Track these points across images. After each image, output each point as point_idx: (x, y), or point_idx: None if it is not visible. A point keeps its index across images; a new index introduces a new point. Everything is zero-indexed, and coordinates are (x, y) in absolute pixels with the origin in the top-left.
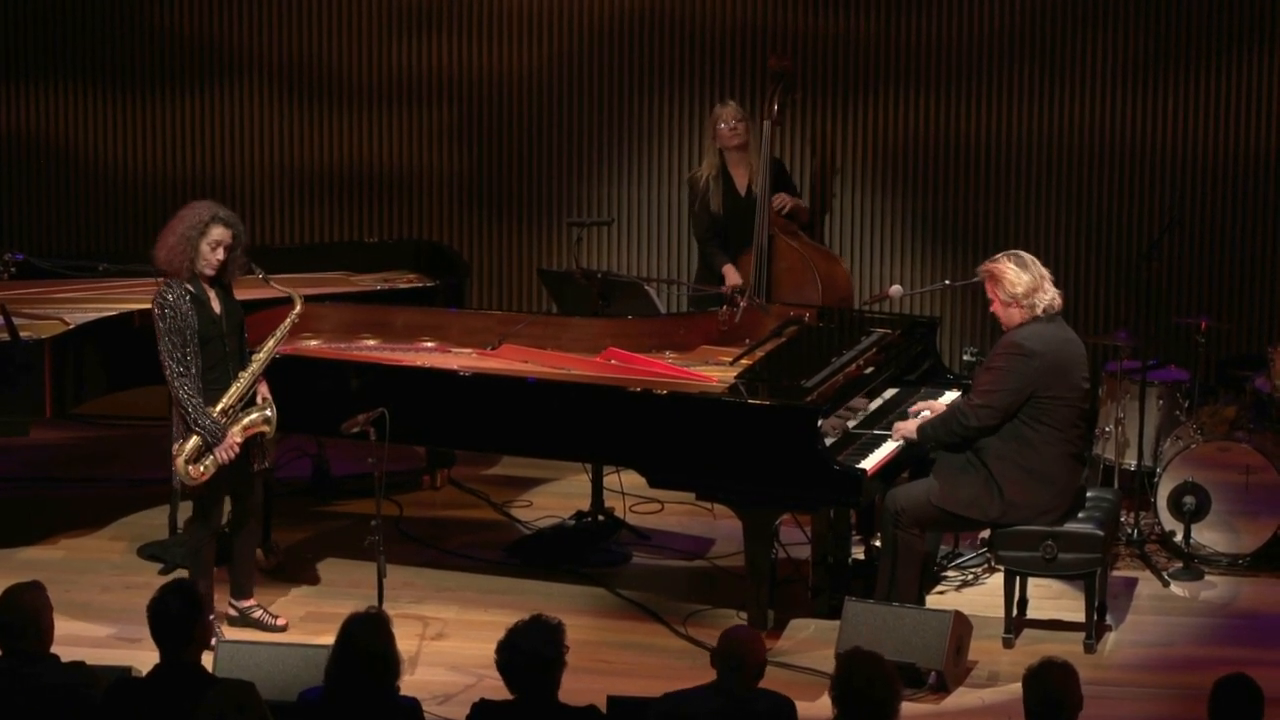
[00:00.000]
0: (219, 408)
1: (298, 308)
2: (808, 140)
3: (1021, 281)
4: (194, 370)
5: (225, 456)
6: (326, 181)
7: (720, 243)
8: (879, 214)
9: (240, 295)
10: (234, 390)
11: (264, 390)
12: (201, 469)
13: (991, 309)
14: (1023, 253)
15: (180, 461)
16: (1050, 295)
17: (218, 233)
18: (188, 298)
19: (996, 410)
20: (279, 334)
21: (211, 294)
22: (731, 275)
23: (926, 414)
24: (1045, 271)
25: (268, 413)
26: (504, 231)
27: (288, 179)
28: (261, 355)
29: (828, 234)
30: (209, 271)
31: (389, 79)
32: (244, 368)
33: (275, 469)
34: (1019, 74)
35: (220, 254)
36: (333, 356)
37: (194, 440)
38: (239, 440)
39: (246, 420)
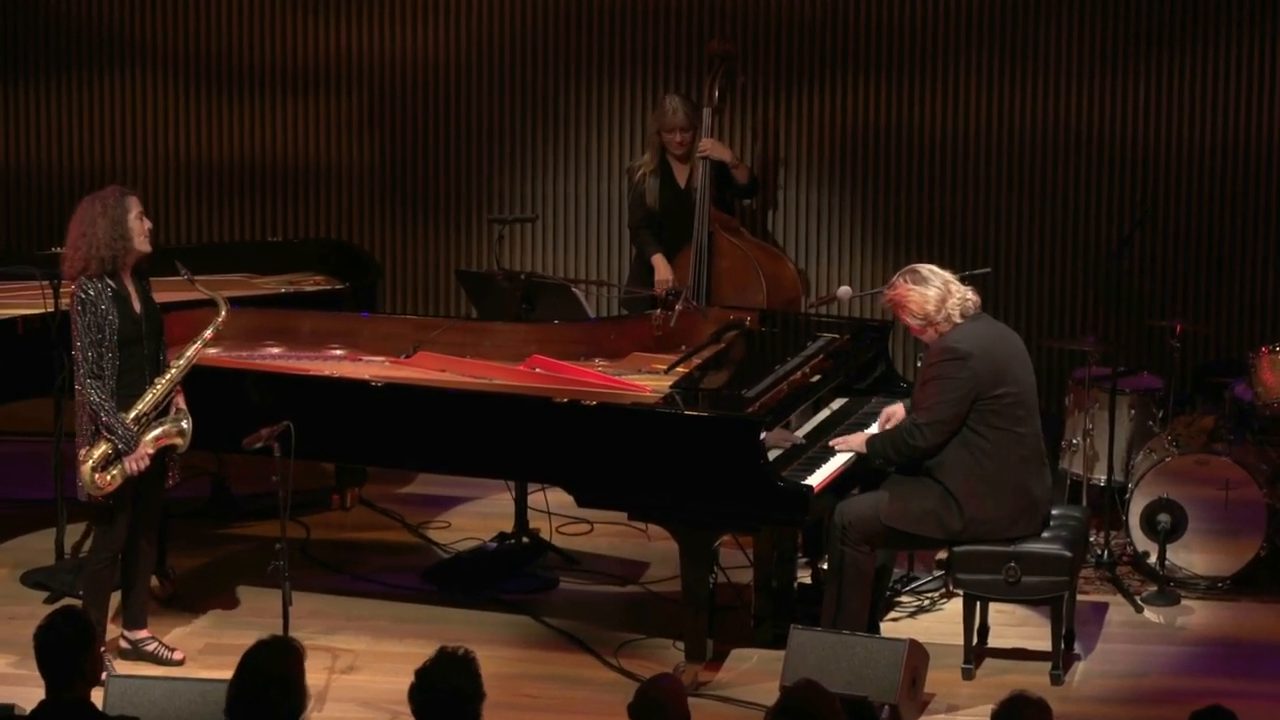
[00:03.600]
0: (132, 414)
1: (223, 313)
2: (750, 129)
3: (929, 298)
4: (109, 372)
5: (135, 467)
6: (226, 175)
7: (653, 234)
8: (827, 209)
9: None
10: (149, 396)
11: (180, 401)
12: (109, 478)
13: (913, 334)
14: (917, 266)
15: (86, 468)
16: (961, 296)
17: (136, 203)
18: (109, 295)
19: (945, 424)
20: (200, 341)
21: (133, 291)
22: (661, 267)
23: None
24: (947, 275)
25: (183, 424)
26: (419, 229)
27: (184, 173)
28: (181, 362)
29: (772, 230)
30: (147, 247)
31: (293, 64)
32: (160, 374)
33: (171, 488)
34: (977, 59)
35: (147, 222)
36: (233, 365)
37: (103, 447)
38: (150, 451)
39: (159, 430)
